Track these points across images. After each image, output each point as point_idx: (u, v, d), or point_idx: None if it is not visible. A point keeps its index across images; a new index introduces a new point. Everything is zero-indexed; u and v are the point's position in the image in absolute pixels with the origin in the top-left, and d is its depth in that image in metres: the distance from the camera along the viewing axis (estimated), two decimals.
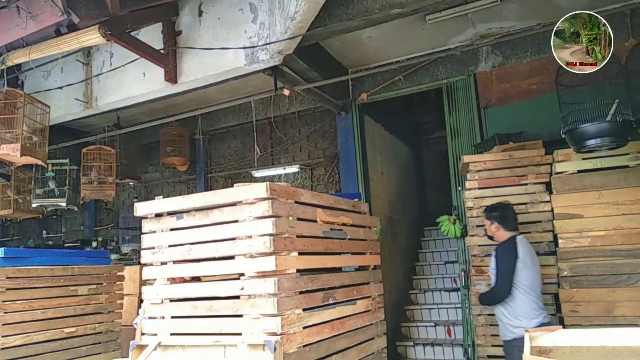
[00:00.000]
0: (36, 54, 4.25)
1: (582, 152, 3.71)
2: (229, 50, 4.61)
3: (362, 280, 3.21)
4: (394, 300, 6.23)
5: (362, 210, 3.38)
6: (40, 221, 8.74)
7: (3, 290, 3.99)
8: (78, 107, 5.63)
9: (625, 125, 3.34)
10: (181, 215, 2.84)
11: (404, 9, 3.99)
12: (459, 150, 5.49)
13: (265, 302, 2.40)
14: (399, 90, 5.94)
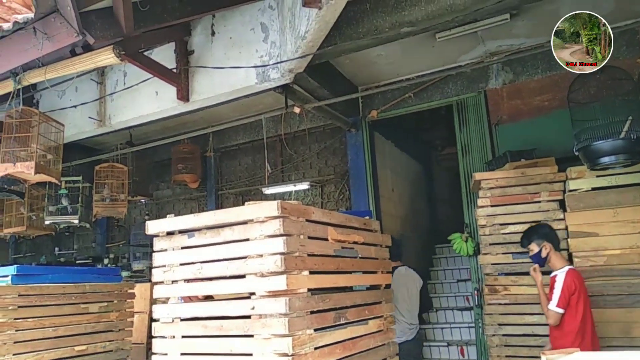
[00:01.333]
0: (52, 73, 4.34)
1: (596, 169, 3.67)
2: (240, 69, 4.67)
3: (373, 299, 3.17)
4: None
5: (373, 228, 3.36)
6: (52, 238, 8.81)
7: (15, 307, 3.99)
8: (92, 126, 5.72)
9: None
10: (192, 233, 2.84)
11: (413, 27, 4.01)
12: (470, 167, 5.47)
13: (276, 322, 2.37)
14: (409, 107, 5.95)
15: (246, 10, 4.72)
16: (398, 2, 3.95)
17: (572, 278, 3.31)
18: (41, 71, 4.34)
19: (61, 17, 3.52)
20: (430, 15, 3.83)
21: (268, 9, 4.61)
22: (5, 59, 4.00)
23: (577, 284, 3.29)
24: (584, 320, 3.27)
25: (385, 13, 4.01)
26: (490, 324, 4.12)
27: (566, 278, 3.31)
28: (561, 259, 3.48)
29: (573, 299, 3.28)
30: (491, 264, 4.19)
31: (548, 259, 3.47)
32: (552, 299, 3.31)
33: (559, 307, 3.28)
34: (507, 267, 4.13)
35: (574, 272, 3.36)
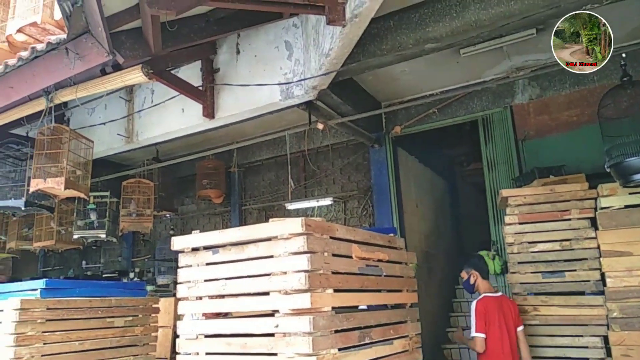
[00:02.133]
0: (82, 92, 4.46)
1: (629, 186, 3.56)
2: (264, 86, 4.72)
3: (398, 318, 3.12)
4: (431, 338, 6.02)
5: (398, 246, 3.32)
6: (80, 252, 8.97)
7: (43, 321, 4.06)
8: (120, 142, 5.84)
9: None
10: (217, 249, 2.85)
11: (437, 43, 4.00)
12: (496, 183, 5.37)
13: (300, 341, 2.35)
14: (433, 123, 5.90)
15: (270, 29, 4.79)
16: (422, 19, 3.95)
17: (481, 304, 3.70)
18: (72, 90, 4.47)
19: (92, 37, 3.63)
20: (455, 31, 3.81)
21: (292, 27, 4.67)
22: (38, 78, 4.13)
23: (487, 309, 3.65)
24: (502, 342, 3.60)
25: (409, 30, 4.01)
26: None
27: (477, 305, 3.71)
28: (486, 287, 3.83)
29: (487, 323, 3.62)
30: (520, 283, 4.08)
31: (476, 287, 3.85)
32: (471, 327, 3.70)
33: (478, 331, 3.64)
34: (536, 287, 4.01)
35: (484, 299, 3.74)
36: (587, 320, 3.80)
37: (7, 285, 4.60)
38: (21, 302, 3.93)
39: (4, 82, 4.27)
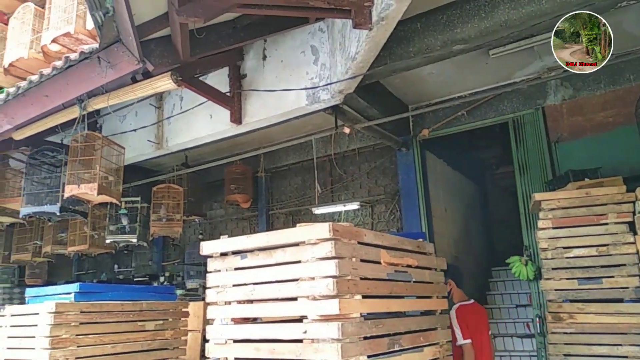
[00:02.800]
0: (114, 100, 4.57)
1: None
2: (291, 91, 4.73)
3: (428, 325, 3.05)
4: None
5: (427, 251, 3.26)
6: (112, 256, 9.18)
7: (77, 324, 4.15)
8: (150, 148, 5.95)
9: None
10: (245, 254, 2.86)
11: (466, 44, 3.93)
12: (528, 187, 5.24)
13: (328, 348, 2.32)
14: (462, 125, 5.81)
15: (297, 34, 4.80)
16: (449, 20, 3.89)
17: (460, 312, 3.81)
18: (104, 97, 4.58)
19: (123, 46, 3.71)
20: (484, 32, 3.74)
21: (318, 31, 4.67)
22: (72, 87, 4.25)
23: (465, 316, 3.77)
24: (482, 347, 3.74)
25: (437, 31, 3.95)
26: (554, 354, 3.86)
27: (456, 314, 3.79)
28: (460, 296, 3.94)
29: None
30: (554, 290, 3.95)
31: (451, 295, 3.91)
32: (457, 336, 3.72)
33: (466, 339, 3.71)
34: (572, 294, 3.88)
35: (460, 307, 3.86)
36: (626, 329, 3.64)
37: (42, 289, 4.74)
38: (56, 306, 4.03)
39: (39, 91, 4.41)
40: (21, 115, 4.67)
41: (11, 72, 5.13)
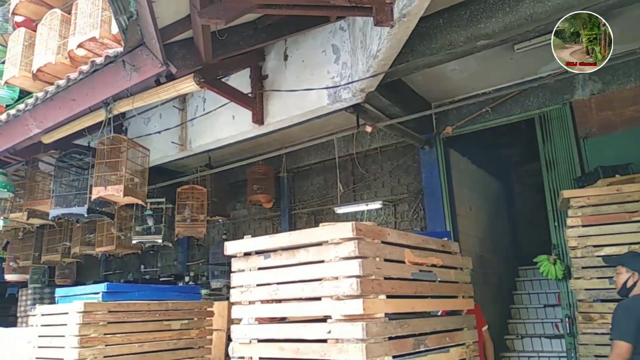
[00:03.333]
0: (139, 102, 4.64)
1: None
2: (312, 91, 4.72)
3: (454, 326, 3.01)
4: None
5: (452, 250, 3.21)
6: (138, 256, 9.34)
7: (105, 323, 4.23)
8: (174, 150, 6.03)
9: None
10: (268, 254, 2.86)
11: (490, 40, 3.86)
12: (556, 183, 5.11)
13: (353, 348, 2.30)
14: (486, 122, 5.70)
15: (318, 33, 4.79)
16: (473, 15, 3.82)
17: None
18: (129, 100, 4.66)
19: (147, 49, 3.77)
20: (509, 26, 3.66)
21: (339, 30, 4.65)
22: (98, 91, 4.34)
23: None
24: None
25: (460, 27, 3.89)
26: (585, 355, 3.76)
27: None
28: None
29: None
30: (585, 290, 3.84)
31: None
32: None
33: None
34: (603, 293, 3.77)
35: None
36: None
37: (71, 289, 4.85)
38: (84, 306, 4.11)
39: (67, 95, 4.51)
40: (50, 119, 4.79)
41: (39, 78, 5.26)
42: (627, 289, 3.18)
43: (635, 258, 3.25)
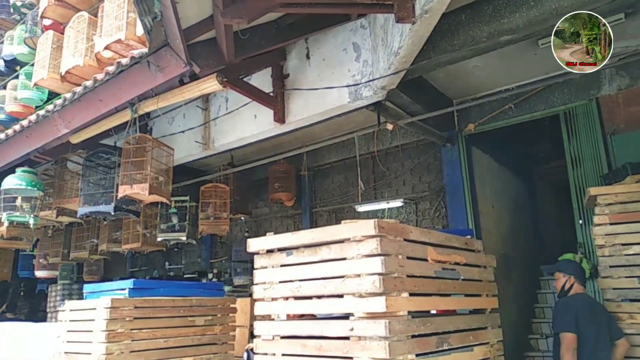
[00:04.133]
0: (163, 102, 4.72)
1: None
2: (333, 89, 4.73)
3: (478, 324, 2.99)
4: (511, 346, 5.72)
5: (475, 248, 3.19)
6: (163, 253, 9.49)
7: (131, 319, 4.33)
8: (197, 149, 6.11)
9: None
10: (291, 251, 2.89)
11: (514, 35, 3.81)
12: (582, 181, 5.02)
13: (376, 345, 2.32)
14: (509, 119, 5.62)
15: (338, 32, 4.80)
16: (496, 10, 3.77)
17: None
18: (154, 100, 4.74)
19: (171, 50, 3.83)
20: (533, 21, 3.60)
21: (360, 28, 4.65)
22: (124, 91, 4.43)
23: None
24: None
25: (482, 22, 3.85)
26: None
27: None
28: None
29: None
30: (612, 289, 3.76)
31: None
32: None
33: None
34: (632, 293, 3.68)
35: None
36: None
37: (99, 285, 4.97)
38: (112, 301, 4.21)
39: (94, 95, 4.62)
40: (77, 119, 4.91)
41: (68, 79, 5.38)
42: (566, 291, 3.72)
43: (568, 264, 3.82)
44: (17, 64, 7.03)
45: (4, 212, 5.68)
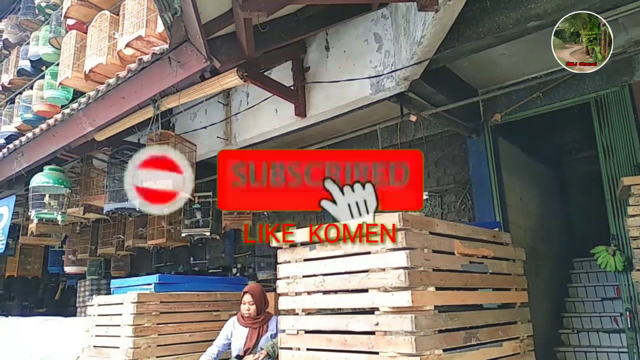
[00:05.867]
0: (185, 98, 4.74)
1: None
2: (354, 81, 4.66)
3: (507, 319, 2.91)
4: (542, 340, 5.58)
5: (504, 241, 3.10)
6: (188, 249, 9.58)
7: (157, 313, 4.38)
8: (219, 145, 6.13)
9: None
10: (314, 245, 2.85)
11: (542, 20, 3.67)
12: (614, 171, 4.83)
13: (402, 341, 2.27)
14: (537, 108, 5.45)
15: (359, 22, 4.72)
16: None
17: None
18: (176, 97, 4.76)
19: (191, 45, 3.83)
20: (562, 5, 3.46)
21: (381, 18, 4.56)
22: (146, 88, 4.46)
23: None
24: None
25: (509, 9, 3.72)
26: None
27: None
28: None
29: None
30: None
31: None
32: None
33: None
34: None
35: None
36: None
37: (125, 280, 5.05)
38: (138, 296, 4.27)
39: (117, 93, 4.66)
40: (101, 117, 4.97)
41: (91, 78, 5.47)
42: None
43: None
44: (42, 64, 7.17)
45: (33, 210, 5.81)
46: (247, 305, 4.13)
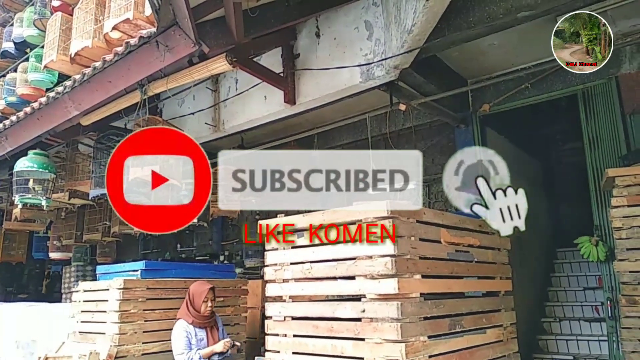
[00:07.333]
0: (172, 83, 4.67)
1: None
2: (344, 69, 4.64)
3: (491, 307, 2.95)
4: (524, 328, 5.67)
5: (489, 231, 3.13)
6: (175, 236, 9.55)
7: (144, 299, 4.36)
8: (208, 131, 6.08)
9: None
10: (302, 233, 2.86)
11: (532, 11, 3.67)
12: (599, 162, 4.89)
13: (388, 327, 2.29)
14: (525, 99, 5.49)
15: (350, 9, 4.68)
16: None
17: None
18: (163, 82, 4.69)
19: (180, 29, 3.77)
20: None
21: (372, 6, 4.53)
22: (133, 72, 4.38)
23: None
24: None
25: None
26: (628, 339, 3.63)
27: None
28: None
29: None
30: (629, 272, 3.69)
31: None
32: None
33: None
34: None
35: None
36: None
37: (112, 267, 5.01)
38: (124, 282, 4.24)
39: (103, 77, 4.59)
40: (87, 101, 4.89)
41: (77, 61, 5.36)
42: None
43: None
44: (27, 46, 7.02)
45: (16, 195, 5.72)
46: (210, 302, 4.03)
